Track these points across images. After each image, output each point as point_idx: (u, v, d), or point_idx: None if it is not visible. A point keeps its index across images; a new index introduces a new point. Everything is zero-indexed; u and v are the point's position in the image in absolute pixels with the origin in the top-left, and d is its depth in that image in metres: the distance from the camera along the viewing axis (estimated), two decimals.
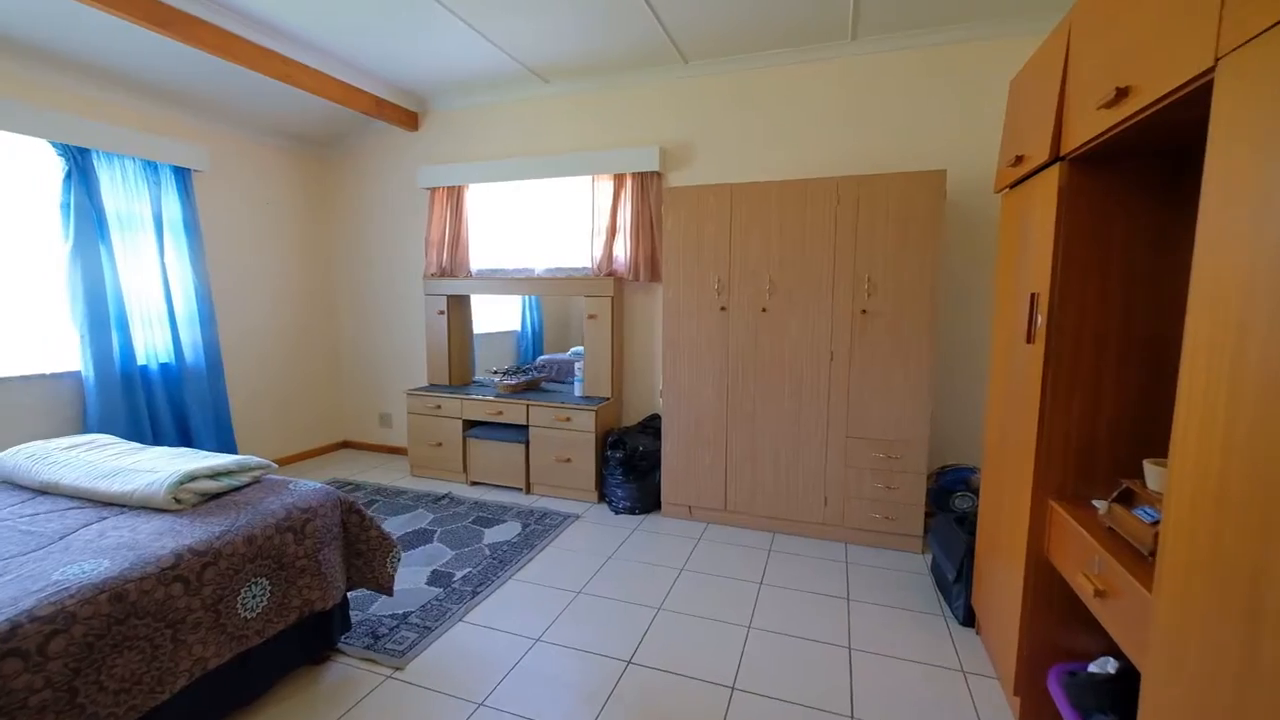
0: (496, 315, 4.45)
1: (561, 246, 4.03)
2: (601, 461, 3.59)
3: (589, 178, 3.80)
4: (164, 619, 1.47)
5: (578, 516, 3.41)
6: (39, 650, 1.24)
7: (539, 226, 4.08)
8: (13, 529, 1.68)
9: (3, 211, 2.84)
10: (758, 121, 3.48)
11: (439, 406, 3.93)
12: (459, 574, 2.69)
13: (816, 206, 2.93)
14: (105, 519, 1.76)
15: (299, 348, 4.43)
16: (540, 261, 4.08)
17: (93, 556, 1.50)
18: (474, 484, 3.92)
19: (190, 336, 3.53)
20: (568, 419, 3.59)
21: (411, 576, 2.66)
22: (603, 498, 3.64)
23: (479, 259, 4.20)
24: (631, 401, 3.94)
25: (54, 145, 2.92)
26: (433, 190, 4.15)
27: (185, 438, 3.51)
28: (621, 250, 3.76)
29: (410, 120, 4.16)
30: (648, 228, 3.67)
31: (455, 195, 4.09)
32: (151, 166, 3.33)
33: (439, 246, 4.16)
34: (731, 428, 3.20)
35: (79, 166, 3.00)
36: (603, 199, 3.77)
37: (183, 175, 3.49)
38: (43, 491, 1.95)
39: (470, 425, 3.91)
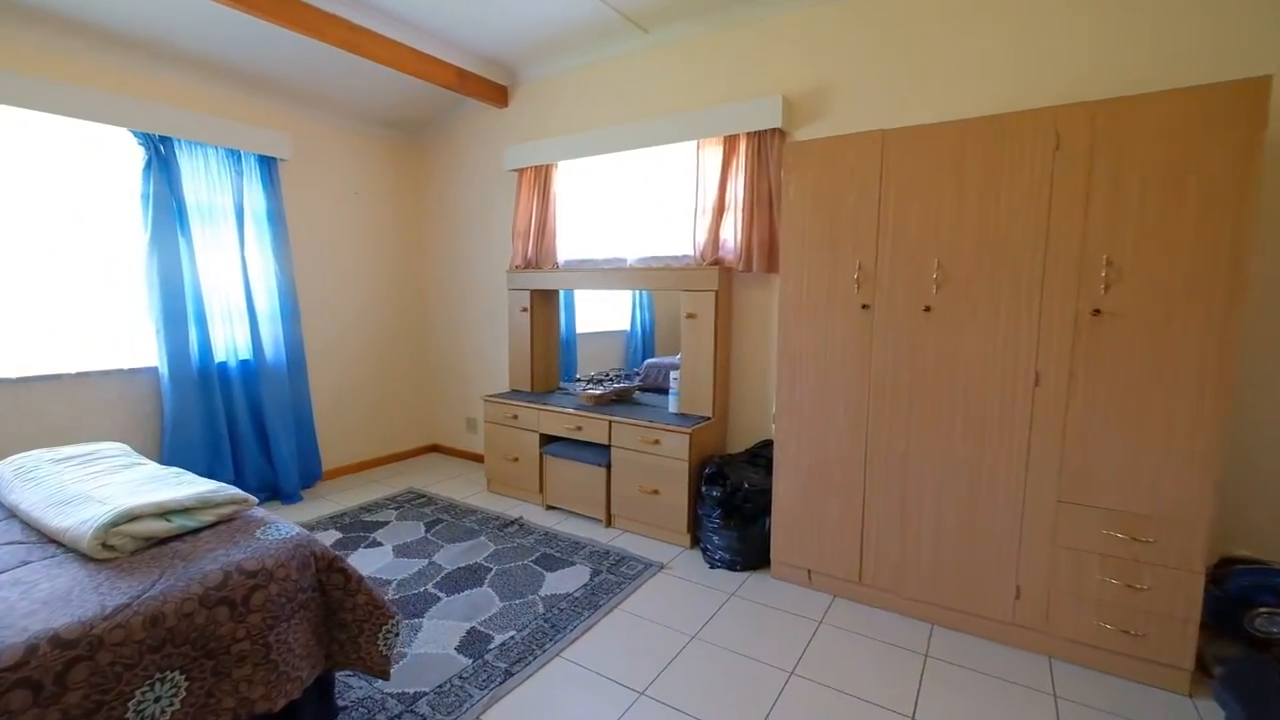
0: (605, 313, 3.89)
1: (659, 231, 3.35)
2: (696, 497, 2.86)
3: (694, 144, 3.08)
4: None
5: (662, 566, 2.71)
6: None
7: (634, 208, 3.44)
8: None
9: (85, 202, 2.80)
10: (920, 44, 2.52)
11: (515, 416, 3.45)
12: (499, 639, 2.12)
13: (1022, 154, 1.95)
14: (30, 563, 1.40)
15: (387, 345, 4.22)
16: (634, 250, 3.44)
17: None
18: (550, 508, 3.38)
19: (271, 333, 3.38)
20: (656, 441, 2.91)
21: (443, 635, 2.14)
22: (696, 542, 2.90)
23: (567, 249, 3.66)
24: (738, 423, 3.16)
25: (135, 134, 2.83)
26: (520, 172, 3.69)
27: (263, 439, 3.37)
28: (731, 233, 2.99)
29: (498, 95, 3.73)
30: (765, 203, 2.86)
31: (542, 176, 3.58)
32: (234, 155, 3.20)
33: (524, 236, 3.68)
34: (873, 471, 2.31)
35: (160, 156, 2.91)
36: (710, 169, 3.03)
37: (267, 164, 3.34)
38: (12, 514, 1.68)
39: (548, 440, 3.38)
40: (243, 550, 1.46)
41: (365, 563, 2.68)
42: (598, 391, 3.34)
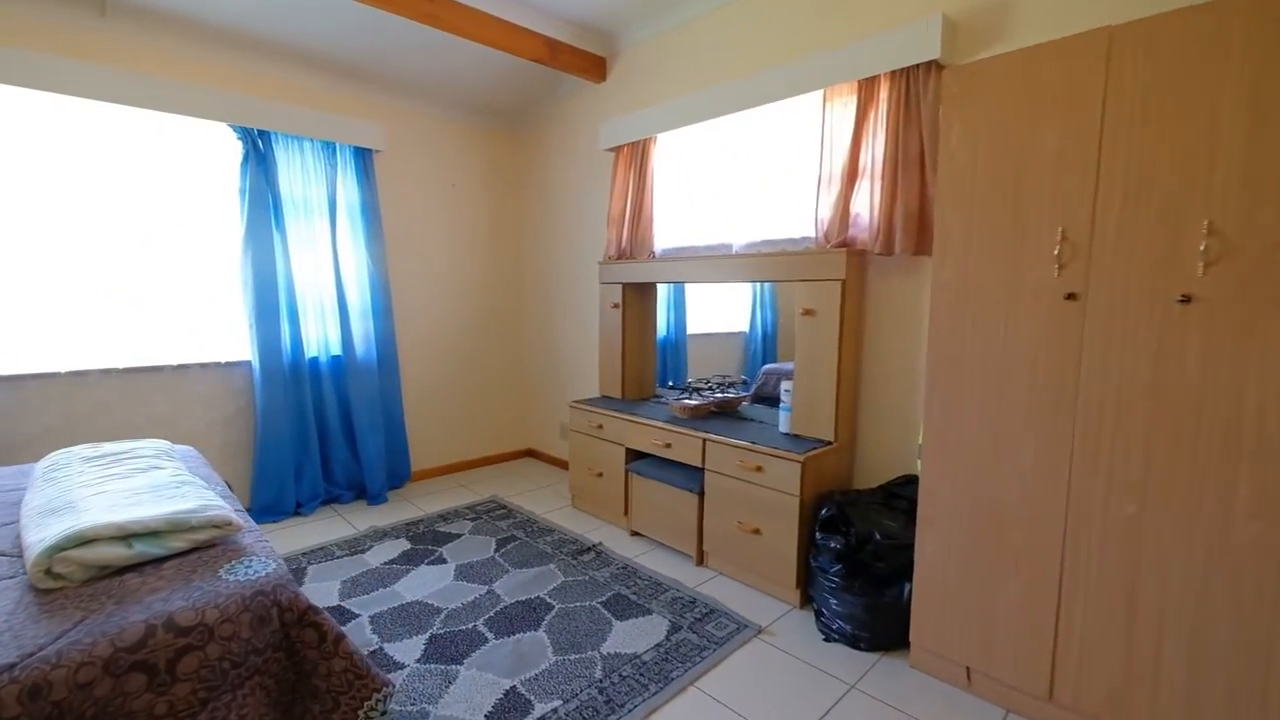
0: (722, 311, 3.36)
1: (773, 210, 2.75)
2: (809, 544, 2.23)
3: (818, 96, 2.45)
4: None
5: (759, 630, 2.13)
6: None
7: (743, 184, 2.87)
8: None
9: (188, 197, 2.86)
10: None
11: (600, 426, 3.04)
12: (539, 710, 1.70)
13: None
14: None
15: (482, 343, 4.05)
16: (742, 234, 2.87)
17: None
18: (635, 535, 2.92)
19: (362, 328, 3.30)
20: (758, 468, 2.32)
21: (476, 693, 1.76)
22: (808, 601, 2.28)
23: (665, 236, 3.19)
24: (870, 452, 2.46)
25: (234, 128, 2.85)
26: (617, 151, 3.29)
27: (350, 437, 3.30)
28: (865, 205, 2.32)
29: (594, 68, 3.36)
30: (913, 163, 2.16)
31: (639, 153, 3.14)
32: (329, 148, 3.16)
33: (619, 223, 3.27)
34: (1079, 541, 1.54)
35: (257, 150, 2.91)
36: (839, 127, 2.38)
37: (362, 156, 3.27)
38: (16, 520, 1.57)
39: (634, 456, 2.92)
40: (186, 595, 1.16)
41: (422, 583, 2.42)
42: (694, 402, 2.82)
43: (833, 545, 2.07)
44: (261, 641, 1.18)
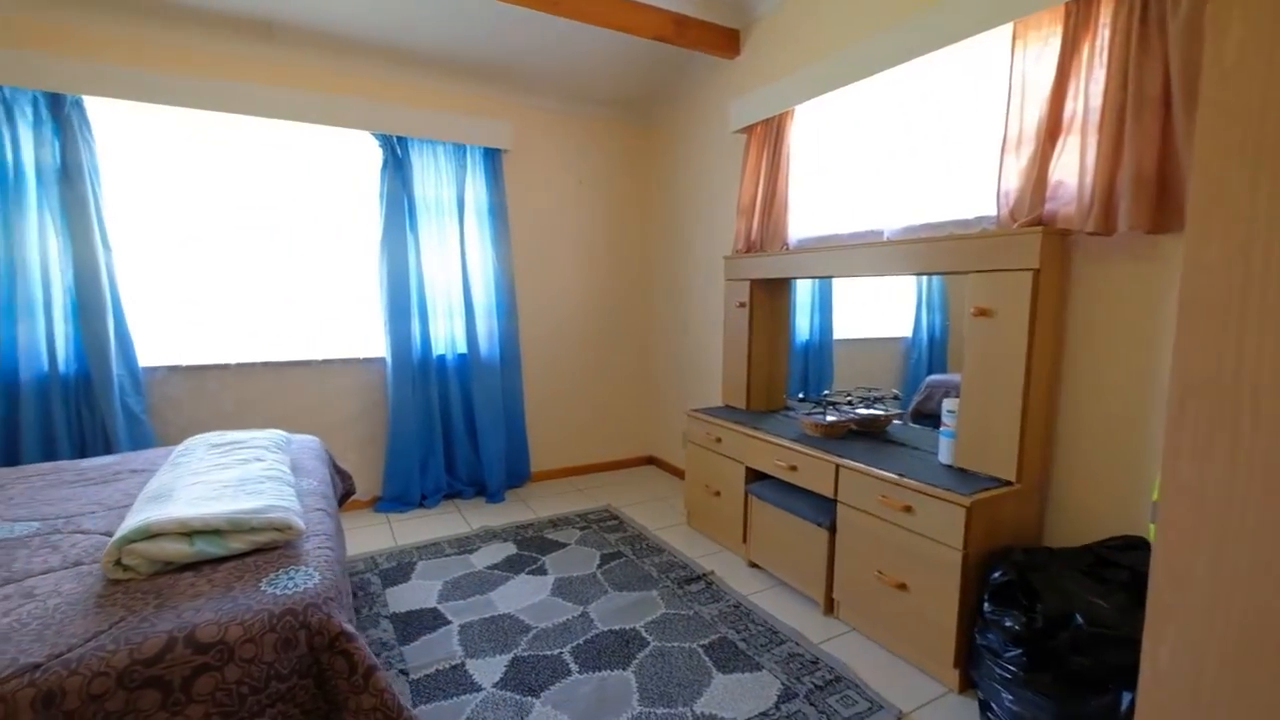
0: (879, 314, 2.87)
1: (936, 187, 2.22)
2: (974, 612, 1.71)
3: (1004, 33, 1.90)
4: None
5: (900, 716, 1.66)
6: None
7: (896, 159, 2.37)
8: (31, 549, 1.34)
9: (335, 203, 3.08)
10: None
11: (719, 440, 2.72)
12: None
13: None
14: (82, 565, 1.27)
15: (606, 343, 3.92)
16: (895, 218, 2.36)
17: None
18: (753, 566, 2.55)
19: (487, 327, 3.34)
20: (907, 508, 1.85)
21: None
22: (969, 685, 1.75)
23: (801, 224, 2.77)
24: (1069, 498, 1.84)
25: (376, 136, 3.01)
26: (749, 132, 2.94)
27: (473, 434, 3.35)
28: (1072, 169, 1.74)
29: (726, 42, 3.04)
30: (1152, 105, 1.55)
31: (773, 132, 2.77)
32: (460, 150, 3.22)
33: (749, 212, 2.92)
34: None
35: (395, 156, 3.05)
36: (1033, 73, 1.82)
37: (491, 157, 3.31)
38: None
39: (755, 476, 2.56)
40: (218, 606, 1.09)
41: (518, 594, 2.30)
42: (828, 419, 2.38)
43: (1011, 624, 1.54)
44: (286, 666, 1.07)
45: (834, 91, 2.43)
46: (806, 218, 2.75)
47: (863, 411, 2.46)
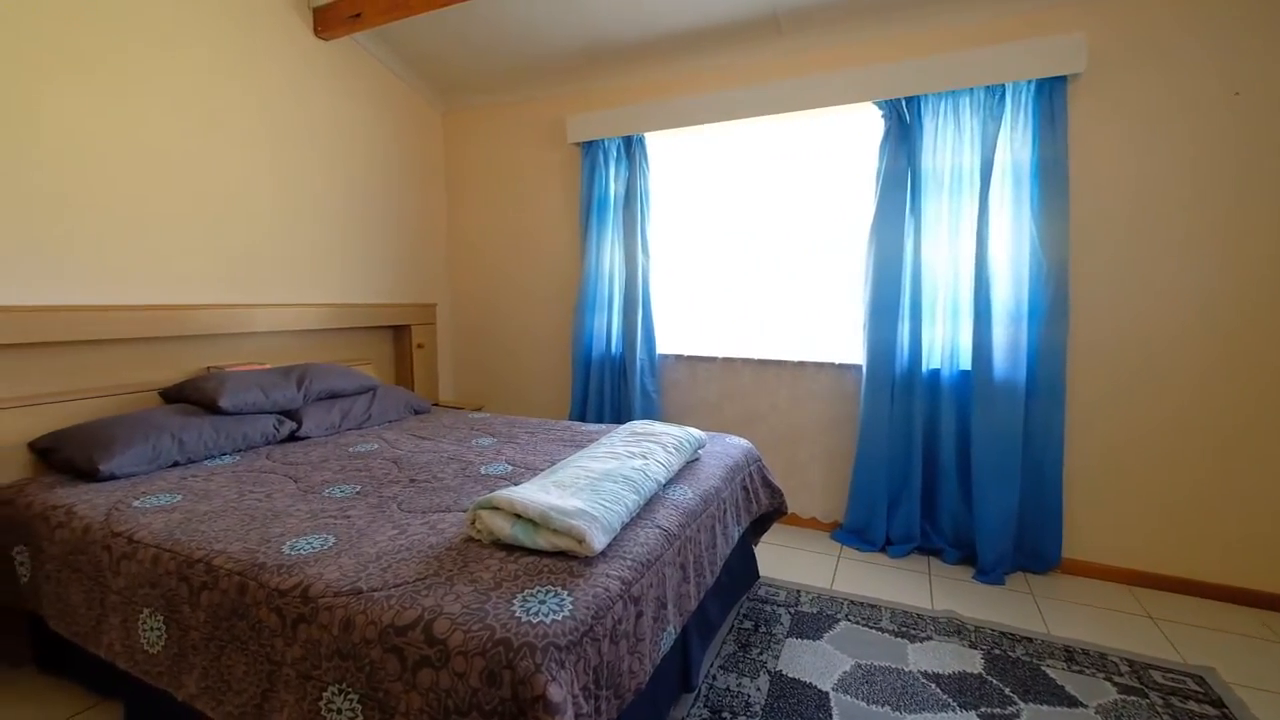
0: None
1: None
2: None
3: None
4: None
5: None
6: None
7: None
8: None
9: (825, 193, 2.78)
10: None
11: None
12: None
13: None
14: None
15: (1228, 367, 2.14)
16: None
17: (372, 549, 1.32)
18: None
19: (1008, 336, 2.37)
20: None
21: None
22: None
23: None
24: None
25: (879, 105, 2.55)
26: None
27: (966, 479, 2.46)
28: None
29: None
30: None
31: None
32: (992, 95, 2.36)
33: None
34: None
35: (901, 122, 2.51)
36: None
37: (1044, 94, 2.29)
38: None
39: None
40: (468, 604, 1.04)
41: None
42: None
43: None
44: (489, 703, 0.92)
45: None
46: None
47: None
